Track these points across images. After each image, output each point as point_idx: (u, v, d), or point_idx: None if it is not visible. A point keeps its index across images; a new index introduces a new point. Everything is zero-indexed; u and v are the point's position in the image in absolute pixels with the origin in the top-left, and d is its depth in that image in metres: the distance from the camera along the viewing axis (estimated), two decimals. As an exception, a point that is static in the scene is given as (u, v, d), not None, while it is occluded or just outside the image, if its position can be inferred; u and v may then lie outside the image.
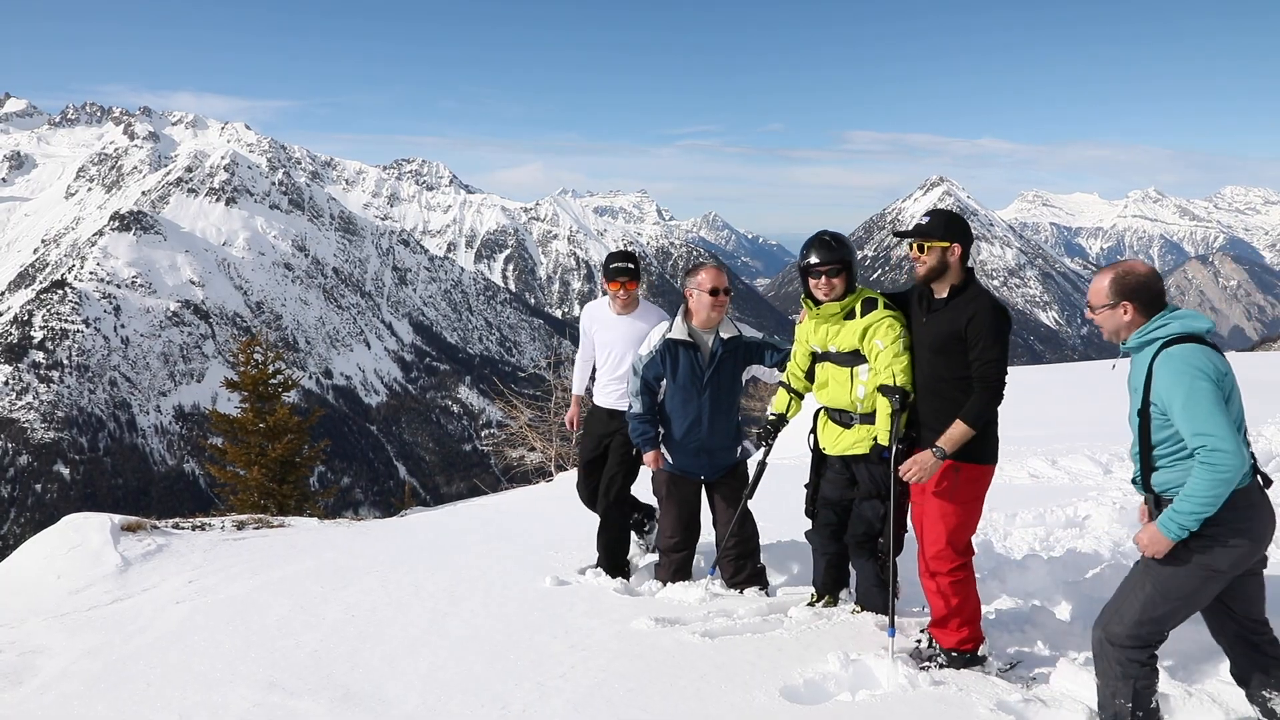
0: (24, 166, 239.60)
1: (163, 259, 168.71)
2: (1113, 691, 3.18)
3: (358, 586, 5.25)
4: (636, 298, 5.22)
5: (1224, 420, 2.94)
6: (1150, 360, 3.10)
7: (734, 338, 4.66)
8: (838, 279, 4.05)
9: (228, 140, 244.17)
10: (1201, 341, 3.08)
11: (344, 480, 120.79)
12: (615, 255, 5.12)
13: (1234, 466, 2.92)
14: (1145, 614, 3.14)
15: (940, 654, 3.85)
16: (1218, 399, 2.96)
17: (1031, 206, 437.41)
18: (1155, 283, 3.20)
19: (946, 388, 3.76)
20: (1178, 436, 3.07)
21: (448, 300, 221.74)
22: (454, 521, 8.27)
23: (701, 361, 4.63)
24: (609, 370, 5.23)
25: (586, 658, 3.99)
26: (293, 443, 14.10)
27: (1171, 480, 3.14)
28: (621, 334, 5.14)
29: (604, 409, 5.26)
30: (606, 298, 5.25)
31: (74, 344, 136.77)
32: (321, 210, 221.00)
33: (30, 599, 5.21)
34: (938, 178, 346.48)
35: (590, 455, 5.32)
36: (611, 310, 5.22)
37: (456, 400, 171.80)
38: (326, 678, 3.90)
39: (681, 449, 4.74)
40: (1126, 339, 3.22)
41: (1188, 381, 2.97)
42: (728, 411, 4.69)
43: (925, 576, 3.89)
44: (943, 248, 3.72)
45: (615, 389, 5.19)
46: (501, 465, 16.78)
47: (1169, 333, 3.10)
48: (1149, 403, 3.11)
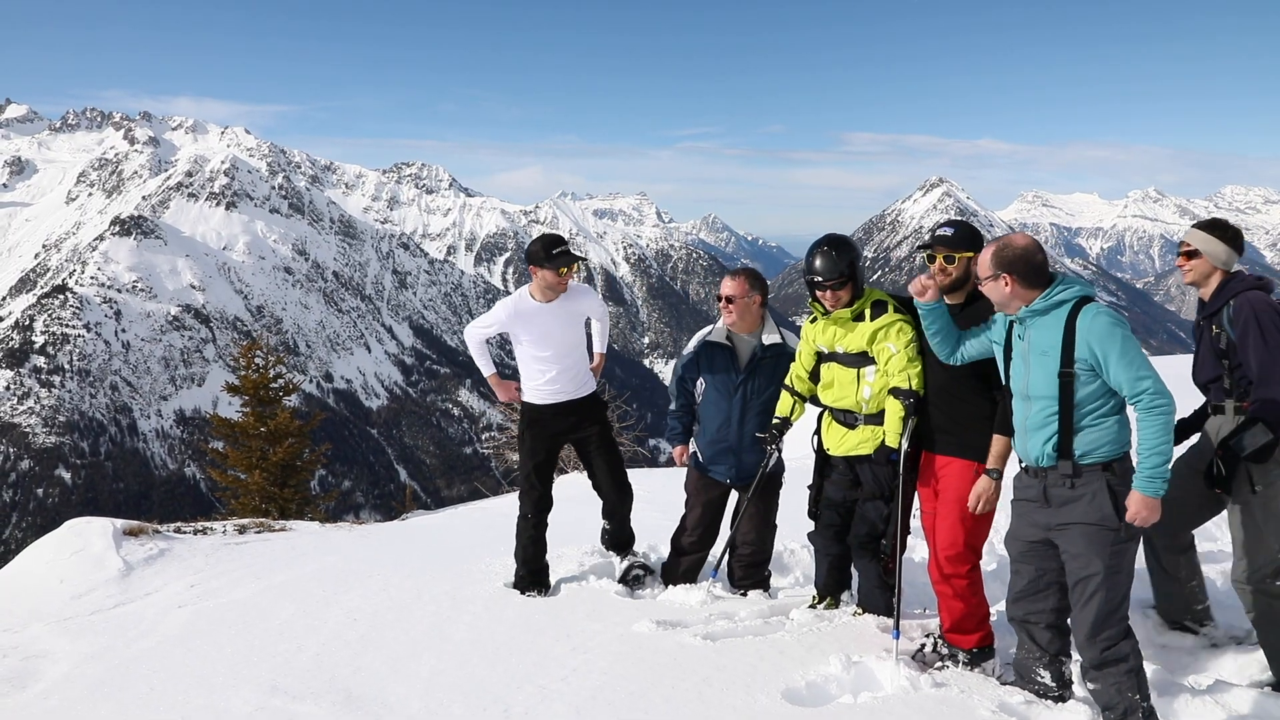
0: (25, 172, 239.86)
1: (163, 263, 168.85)
2: (1120, 687, 3.16)
3: (359, 590, 5.25)
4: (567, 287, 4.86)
5: (1153, 368, 3.06)
6: (1065, 321, 3.16)
7: (776, 344, 4.65)
8: (843, 290, 4.08)
9: (227, 145, 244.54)
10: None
11: (345, 484, 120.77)
12: (550, 239, 4.75)
13: (1173, 408, 3.05)
14: (1124, 609, 3.23)
15: (961, 654, 3.84)
16: (1140, 349, 3.08)
17: (1031, 207, 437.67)
18: (1034, 255, 3.26)
19: (960, 392, 3.76)
20: (1099, 392, 3.14)
21: (448, 303, 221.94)
22: (455, 525, 8.27)
23: (737, 365, 4.67)
24: (549, 362, 4.84)
25: (588, 661, 3.99)
26: (294, 446, 14.11)
27: (1095, 441, 3.17)
28: (556, 322, 4.82)
29: (546, 405, 4.91)
30: (525, 289, 4.90)
31: (75, 349, 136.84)
32: (321, 214, 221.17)
33: (33, 604, 5.22)
34: (937, 178, 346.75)
35: (539, 457, 4.97)
36: (539, 300, 4.82)
37: (457, 403, 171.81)
38: (329, 681, 3.90)
39: (710, 448, 4.77)
40: (1020, 309, 3.28)
41: (1120, 333, 3.08)
42: (760, 416, 4.65)
43: (940, 582, 3.86)
44: (968, 258, 3.71)
45: (562, 380, 4.86)
46: (502, 468, 16.78)
47: (1074, 294, 3.20)
48: (1073, 360, 3.15)
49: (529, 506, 5.01)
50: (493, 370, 5.06)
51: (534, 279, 4.83)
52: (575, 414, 4.98)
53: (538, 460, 5.00)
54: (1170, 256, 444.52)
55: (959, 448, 3.80)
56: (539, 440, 4.99)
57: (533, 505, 5.00)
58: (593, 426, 5.04)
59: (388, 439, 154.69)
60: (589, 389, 5.04)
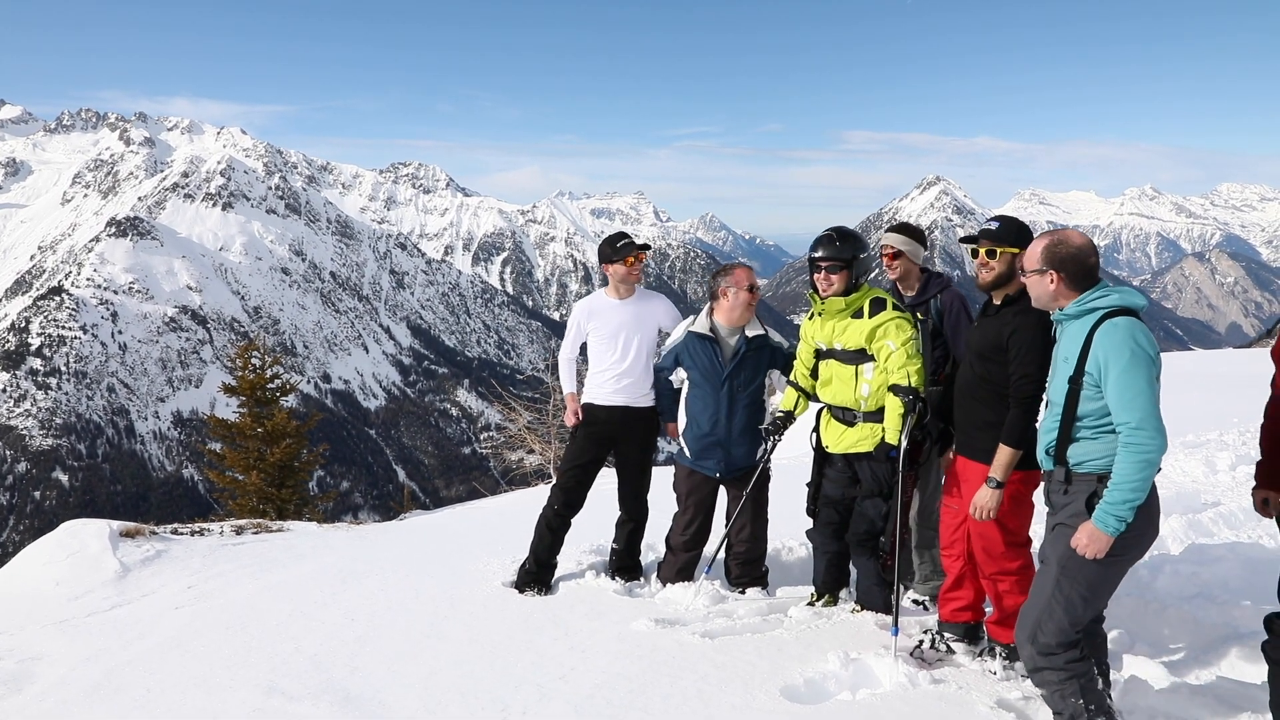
0: (20, 173, 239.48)
1: (159, 264, 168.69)
2: (1061, 694, 3.10)
3: (357, 590, 5.24)
4: (639, 277, 5.07)
5: (1151, 401, 2.90)
6: (1089, 330, 3.04)
7: (759, 336, 4.68)
8: (836, 276, 4.09)
9: (224, 145, 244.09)
10: (1137, 318, 3.05)
11: (343, 484, 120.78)
12: (615, 236, 5.02)
13: (1158, 448, 2.88)
14: (1070, 617, 3.06)
15: (1000, 647, 3.81)
16: (1150, 378, 2.92)
17: (1028, 205, 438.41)
18: (1088, 257, 3.14)
19: (985, 394, 3.68)
20: (1104, 410, 3.00)
21: (445, 303, 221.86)
22: (453, 524, 8.26)
23: (723, 357, 4.67)
24: (615, 362, 4.95)
25: (587, 659, 3.98)
26: (291, 447, 14.08)
27: (1089, 453, 3.07)
28: (626, 319, 4.97)
29: (604, 407, 4.99)
30: (603, 289, 5.10)
31: (71, 350, 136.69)
32: (318, 214, 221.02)
33: (29, 606, 5.20)
34: (935, 177, 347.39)
35: (587, 458, 5.03)
36: (613, 297, 5.02)
37: (455, 403, 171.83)
38: (326, 682, 3.89)
39: (698, 443, 4.76)
40: (1061, 308, 3.17)
41: (1128, 354, 2.92)
42: (747, 409, 4.67)
43: (988, 581, 3.81)
44: (1013, 254, 3.62)
45: (624, 382, 4.95)
46: (501, 468, 16.78)
47: (1110, 304, 3.06)
48: (1083, 372, 3.04)
49: (559, 502, 5.03)
50: (572, 389, 5.26)
51: (609, 279, 5.03)
52: (627, 425, 5.00)
53: (583, 461, 5.03)
54: (1168, 255, 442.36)
55: (984, 452, 3.69)
56: (590, 441, 5.04)
57: (563, 502, 5.03)
58: (636, 448, 5.06)
59: (386, 439, 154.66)
60: (648, 401, 5.03)
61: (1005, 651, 3.80)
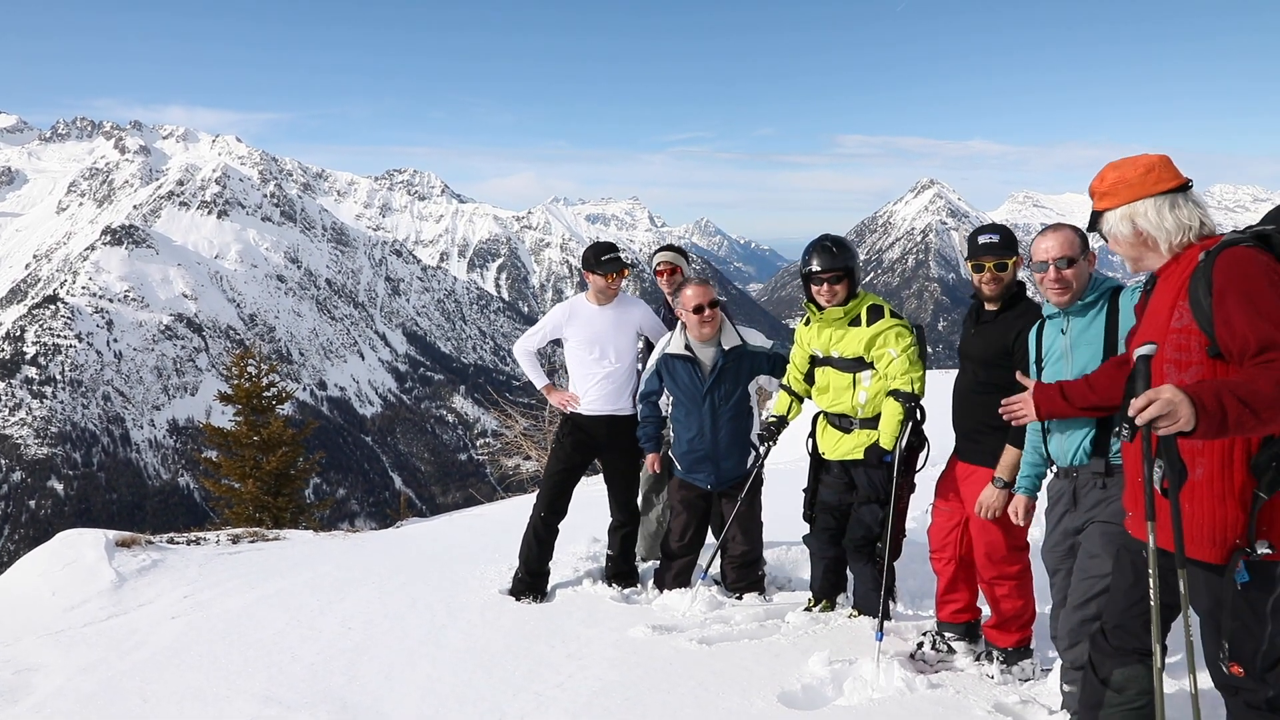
0: (14, 182, 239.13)
1: (155, 273, 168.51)
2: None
3: (354, 599, 5.24)
4: (618, 291, 5.08)
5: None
6: (1109, 303, 3.04)
7: (736, 348, 4.63)
8: (839, 285, 4.08)
9: (219, 153, 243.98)
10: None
11: (339, 492, 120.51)
12: (601, 247, 4.99)
13: None
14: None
15: (997, 651, 3.82)
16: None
17: (1022, 208, 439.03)
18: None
19: (990, 400, 3.62)
20: None
21: (441, 310, 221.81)
22: (450, 532, 8.25)
23: (701, 374, 4.63)
24: (594, 362, 4.96)
25: (584, 666, 3.98)
26: (287, 455, 14.07)
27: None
28: (606, 324, 4.98)
29: (589, 417, 5.00)
30: (583, 294, 5.11)
31: (67, 359, 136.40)
32: (314, 222, 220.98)
33: (25, 616, 5.18)
34: (929, 180, 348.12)
35: (568, 465, 5.04)
36: (593, 303, 5.02)
37: (451, 410, 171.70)
38: (324, 691, 3.89)
39: (687, 459, 4.75)
40: (1081, 294, 3.14)
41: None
42: (732, 421, 4.64)
43: (986, 585, 3.83)
44: (1014, 263, 3.68)
45: (606, 388, 4.96)
46: (497, 474, 16.77)
47: (1116, 281, 3.12)
48: (1116, 345, 2.99)
49: (544, 509, 5.06)
50: (545, 381, 5.30)
51: (589, 285, 5.04)
52: (611, 435, 5.02)
53: (565, 467, 5.07)
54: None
55: (989, 455, 3.69)
56: (574, 448, 5.06)
57: (548, 509, 5.05)
58: (621, 458, 5.07)
59: (382, 446, 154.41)
60: (632, 409, 5.02)
61: (1003, 655, 3.82)
